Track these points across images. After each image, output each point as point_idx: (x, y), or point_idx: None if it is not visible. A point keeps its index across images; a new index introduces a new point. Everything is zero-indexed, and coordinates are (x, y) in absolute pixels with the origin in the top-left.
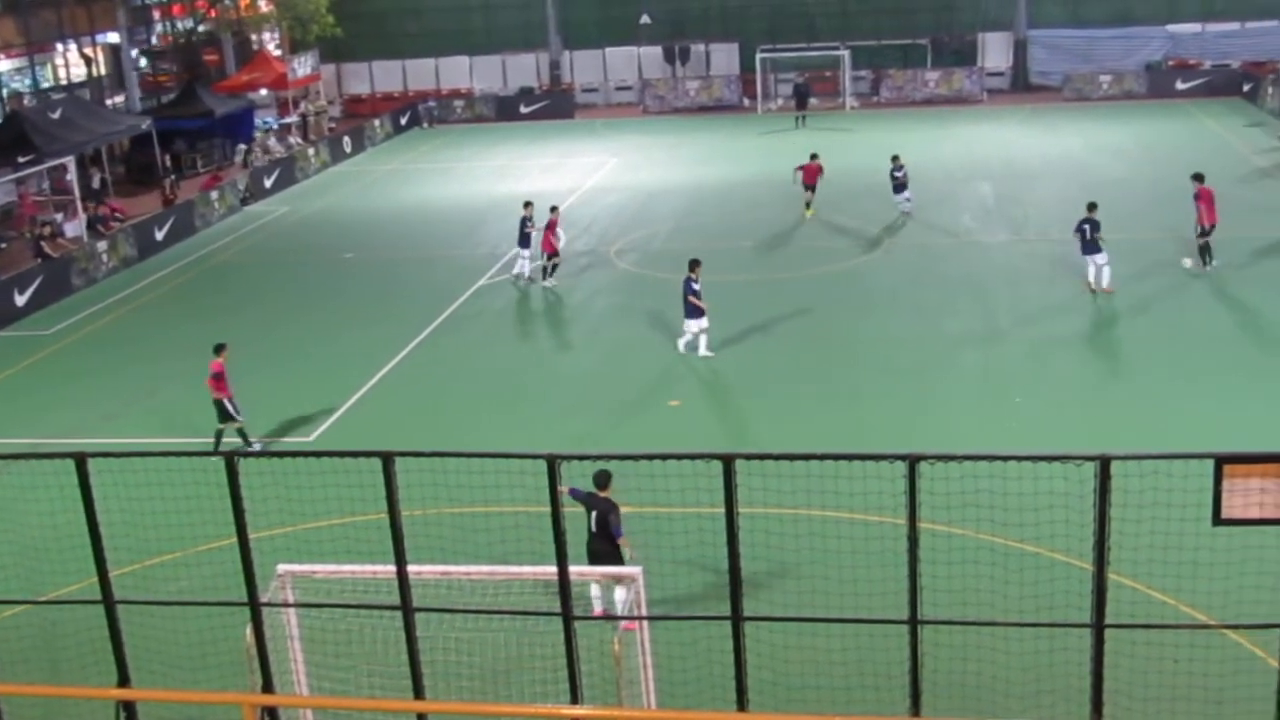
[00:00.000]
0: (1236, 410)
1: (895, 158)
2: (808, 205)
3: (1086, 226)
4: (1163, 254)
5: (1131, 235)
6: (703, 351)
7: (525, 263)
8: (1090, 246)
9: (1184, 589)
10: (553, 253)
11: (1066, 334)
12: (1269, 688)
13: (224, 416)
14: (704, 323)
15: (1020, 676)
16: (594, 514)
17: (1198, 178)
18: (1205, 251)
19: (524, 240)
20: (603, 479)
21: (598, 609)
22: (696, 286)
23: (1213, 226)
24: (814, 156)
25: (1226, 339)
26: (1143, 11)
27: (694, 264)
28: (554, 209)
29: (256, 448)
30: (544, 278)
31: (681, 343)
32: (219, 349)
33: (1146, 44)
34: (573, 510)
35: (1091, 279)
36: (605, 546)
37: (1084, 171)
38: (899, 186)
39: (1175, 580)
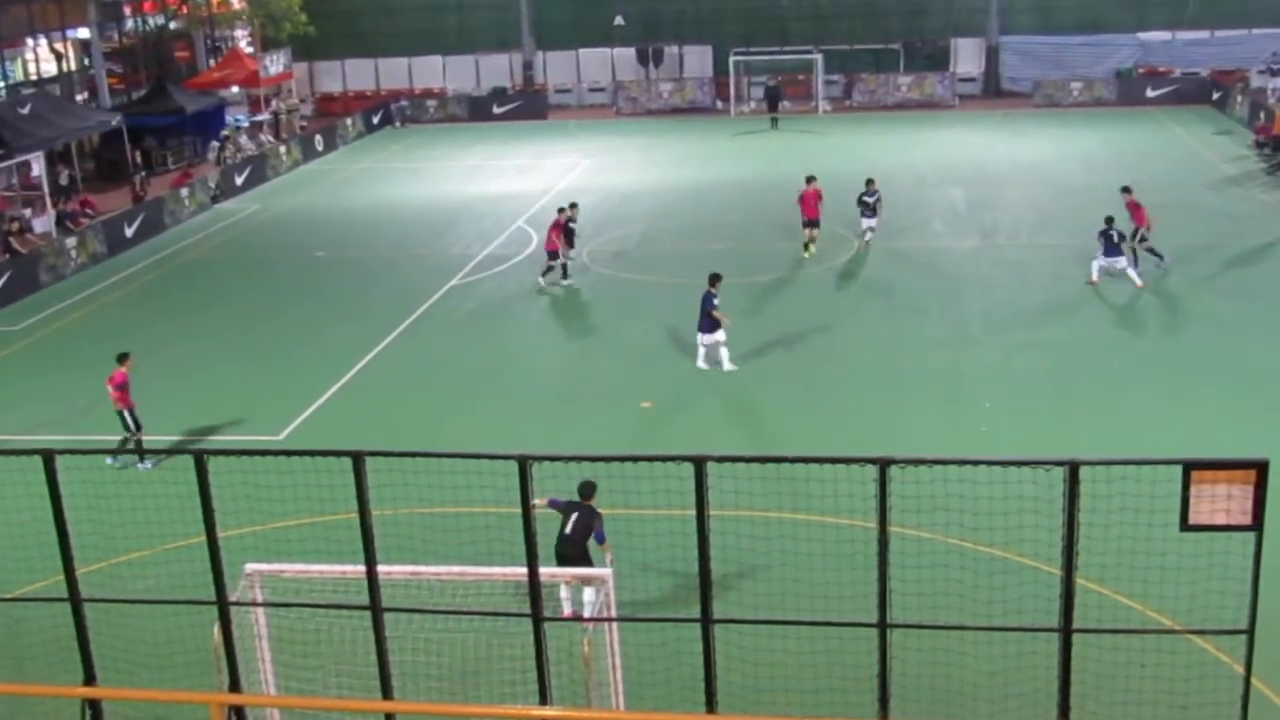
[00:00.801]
0: (1205, 417)
1: (870, 181)
2: (807, 245)
3: (1113, 233)
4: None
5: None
6: (727, 366)
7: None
8: (1113, 250)
9: (1151, 594)
10: (554, 251)
11: (1036, 339)
12: (1234, 692)
13: (125, 427)
14: (722, 335)
15: (988, 680)
16: (573, 519)
17: (1126, 190)
18: (1152, 252)
19: (570, 241)
20: (588, 489)
21: (567, 610)
22: (717, 301)
23: (1148, 228)
24: (810, 180)
25: (1193, 345)
26: (1113, 19)
27: (715, 278)
28: (561, 210)
29: (147, 466)
30: (542, 275)
31: (701, 358)
32: (122, 358)
33: (1116, 51)
34: (544, 512)
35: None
36: (576, 550)
37: (1054, 177)
38: (868, 212)
39: (1143, 585)
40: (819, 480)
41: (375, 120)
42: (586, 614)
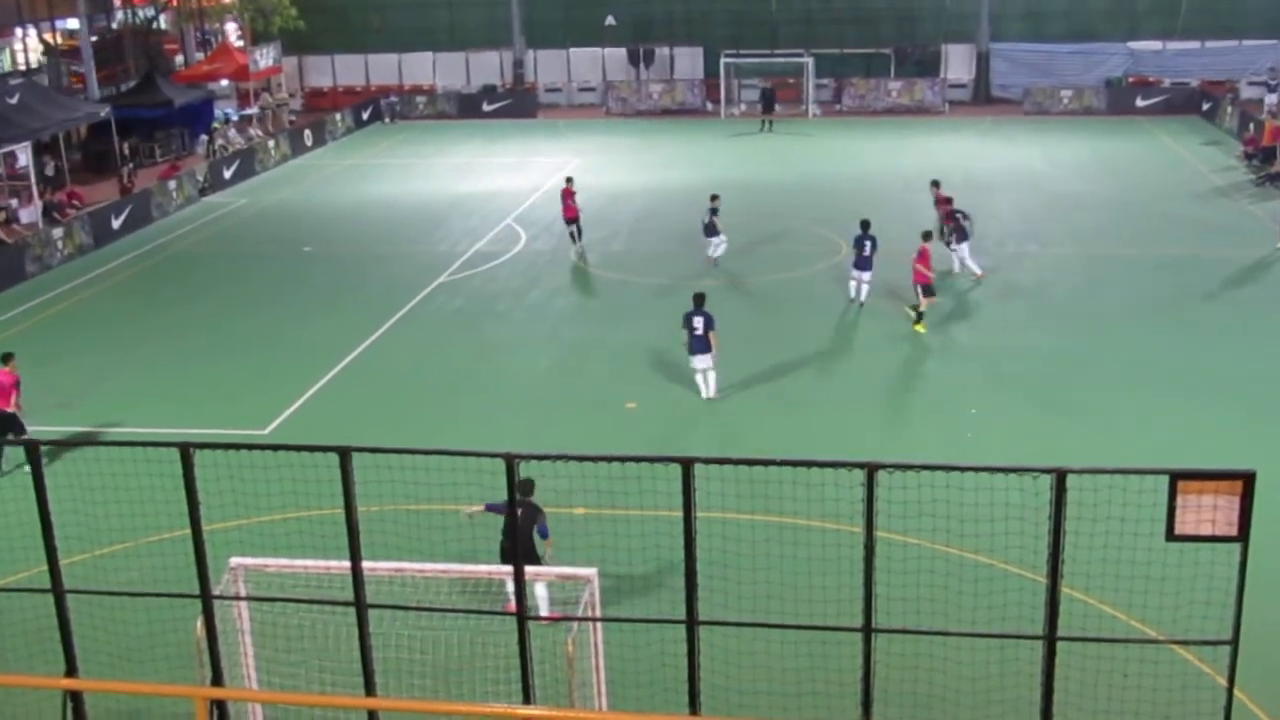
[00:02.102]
0: (1191, 427)
1: (865, 224)
2: (919, 318)
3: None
4: (1118, 268)
5: (1087, 250)
6: (711, 392)
7: (719, 246)
8: (864, 263)
9: (1135, 604)
10: (572, 218)
11: (1022, 346)
12: (1217, 704)
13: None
14: (712, 360)
15: (970, 687)
16: (517, 517)
17: (935, 184)
18: (949, 245)
19: (709, 230)
20: (527, 486)
21: (512, 605)
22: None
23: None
24: (927, 238)
25: (1180, 355)
26: (1104, 28)
27: (702, 298)
28: (569, 179)
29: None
30: (574, 242)
31: (709, 387)
32: (6, 358)
33: (1106, 60)
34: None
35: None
36: (521, 549)
37: (1042, 184)
38: (861, 263)
39: (1127, 595)
40: (805, 484)
41: (365, 116)
42: (543, 611)
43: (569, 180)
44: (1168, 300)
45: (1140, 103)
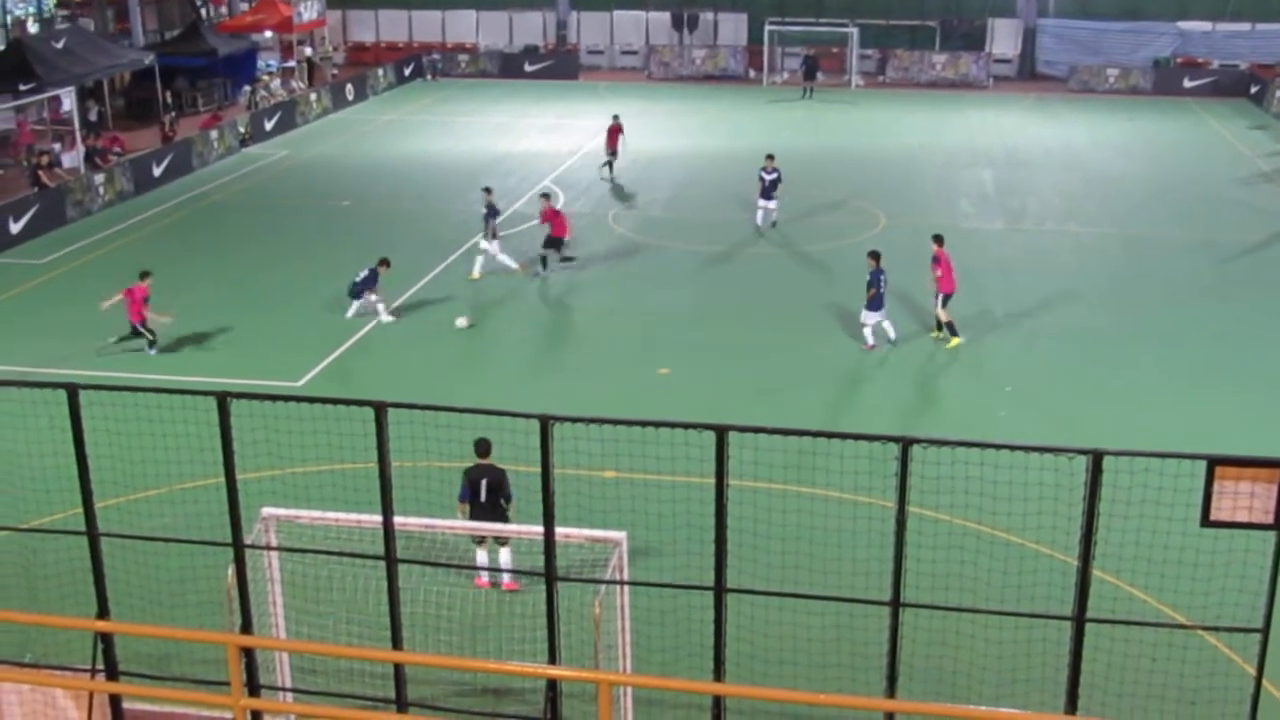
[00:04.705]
0: (1227, 412)
1: (876, 255)
2: (952, 336)
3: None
4: (1158, 250)
5: (1128, 231)
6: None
7: (765, 213)
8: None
9: (1166, 588)
10: (613, 150)
11: (1059, 325)
12: (1244, 691)
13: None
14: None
15: (996, 664)
16: (484, 483)
17: (545, 196)
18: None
19: (765, 193)
20: (485, 447)
21: (484, 577)
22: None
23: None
24: (939, 240)
25: (1218, 340)
26: (1153, 7)
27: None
28: (615, 117)
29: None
30: (609, 171)
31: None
32: (144, 275)
33: (1155, 39)
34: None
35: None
36: (496, 515)
37: (1086, 164)
38: (874, 302)
39: (1158, 579)
40: (838, 456)
41: (406, 72)
42: (504, 578)
43: (615, 117)
44: (1208, 284)
45: (1188, 84)
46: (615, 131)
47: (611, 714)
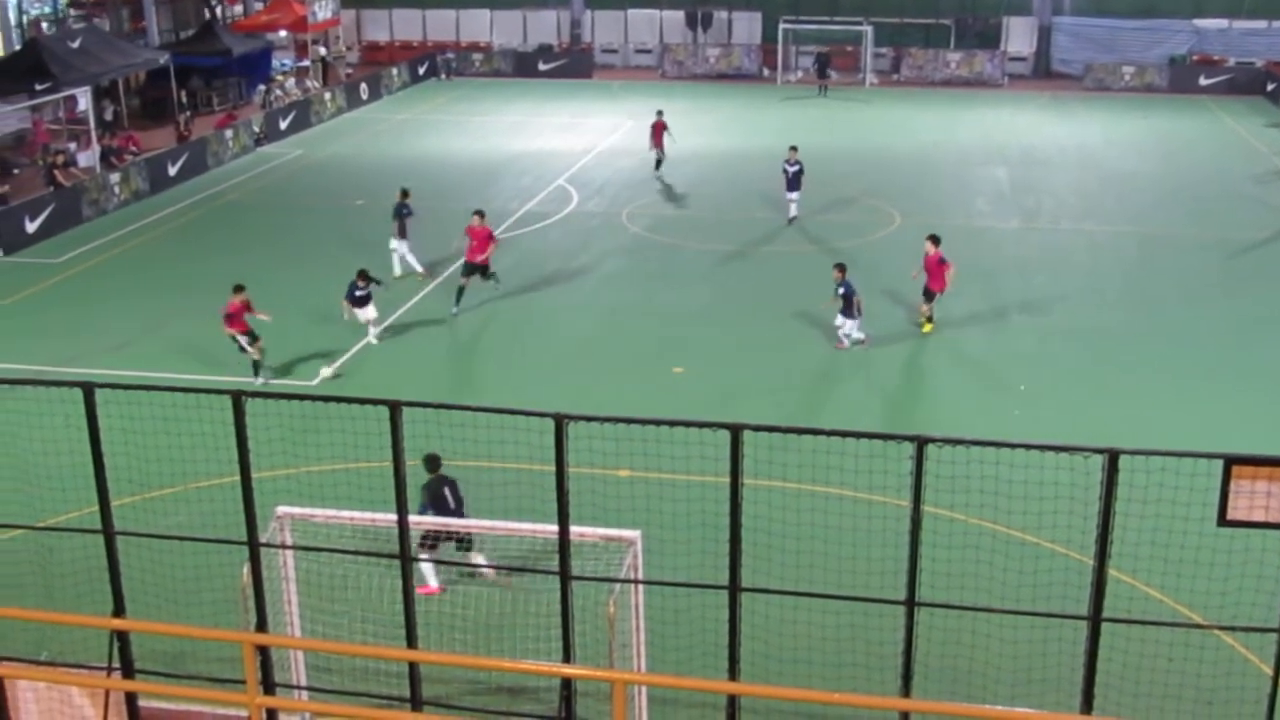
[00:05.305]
0: (1241, 412)
1: (842, 267)
2: (928, 319)
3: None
4: (1174, 249)
5: (1143, 229)
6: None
7: (795, 205)
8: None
9: (1182, 588)
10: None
11: (1073, 324)
12: (1261, 691)
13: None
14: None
15: (1011, 664)
16: (447, 491)
17: (478, 213)
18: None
19: (791, 185)
20: (436, 461)
21: (433, 584)
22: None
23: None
24: (934, 240)
25: (1236, 339)
26: (1169, 5)
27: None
28: (659, 112)
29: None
30: (657, 168)
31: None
32: (238, 289)
33: (1171, 37)
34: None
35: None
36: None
37: (1101, 162)
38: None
39: (1175, 579)
40: (853, 455)
41: (420, 71)
42: (432, 579)
43: (659, 113)
44: (1224, 282)
45: (1203, 81)
46: (660, 128)
47: (626, 713)
